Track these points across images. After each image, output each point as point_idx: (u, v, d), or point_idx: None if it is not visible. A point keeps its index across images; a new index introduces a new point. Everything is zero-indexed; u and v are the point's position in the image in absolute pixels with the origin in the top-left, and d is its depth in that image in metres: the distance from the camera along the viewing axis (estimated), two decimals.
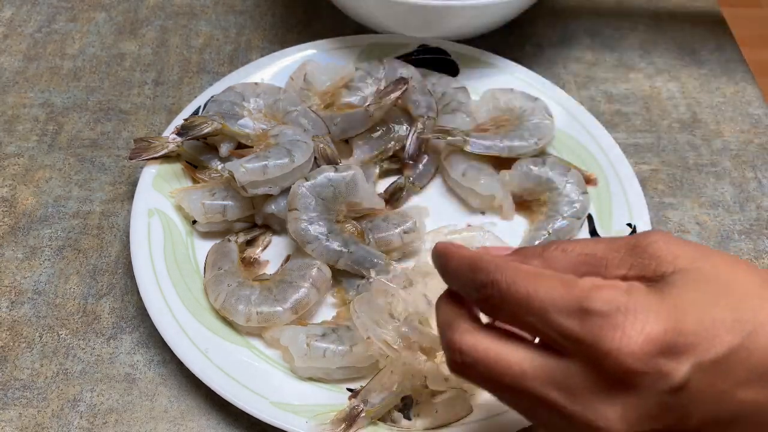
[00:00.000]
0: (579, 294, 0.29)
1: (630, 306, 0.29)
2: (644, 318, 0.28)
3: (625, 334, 0.28)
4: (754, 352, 0.29)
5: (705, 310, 0.29)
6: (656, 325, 0.28)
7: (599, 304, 0.29)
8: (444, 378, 0.44)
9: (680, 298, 0.29)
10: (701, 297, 0.29)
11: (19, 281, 0.54)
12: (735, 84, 0.69)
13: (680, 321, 0.29)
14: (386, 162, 0.59)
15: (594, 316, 0.29)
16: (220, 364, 0.47)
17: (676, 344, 0.28)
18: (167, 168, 0.56)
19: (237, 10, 0.74)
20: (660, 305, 0.29)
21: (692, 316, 0.29)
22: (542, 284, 0.30)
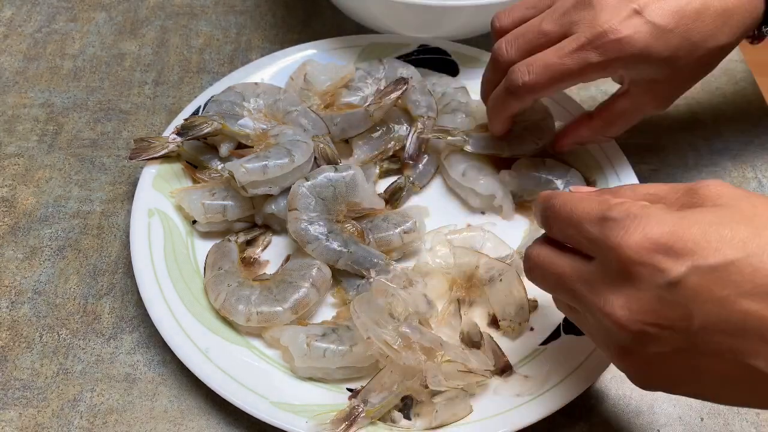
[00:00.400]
0: (605, 207, 0.35)
1: (640, 214, 0.34)
2: (648, 222, 0.33)
3: (628, 232, 0.34)
4: (763, 270, 0.31)
5: (714, 227, 0.33)
6: (658, 228, 0.33)
7: (616, 212, 0.35)
8: (444, 378, 0.44)
9: (694, 216, 0.33)
10: (717, 219, 0.33)
11: (19, 281, 0.54)
12: (735, 84, 0.69)
13: (684, 230, 0.33)
14: (386, 162, 0.59)
15: (610, 221, 0.35)
16: (220, 364, 0.47)
17: (674, 246, 0.32)
18: (167, 168, 0.56)
19: (237, 10, 0.74)
20: (670, 217, 0.33)
21: (698, 228, 0.33)
22: (583, 203, 0.37)
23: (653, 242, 0.33)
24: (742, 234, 0.32)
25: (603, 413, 0.49)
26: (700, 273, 0.32)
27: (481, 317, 0.51)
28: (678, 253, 0.32)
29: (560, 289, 0.39)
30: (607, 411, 0.49)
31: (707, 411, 0.49)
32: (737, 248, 0.32)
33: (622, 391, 0.50)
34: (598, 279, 0.36)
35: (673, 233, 0.33)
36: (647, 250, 0.33)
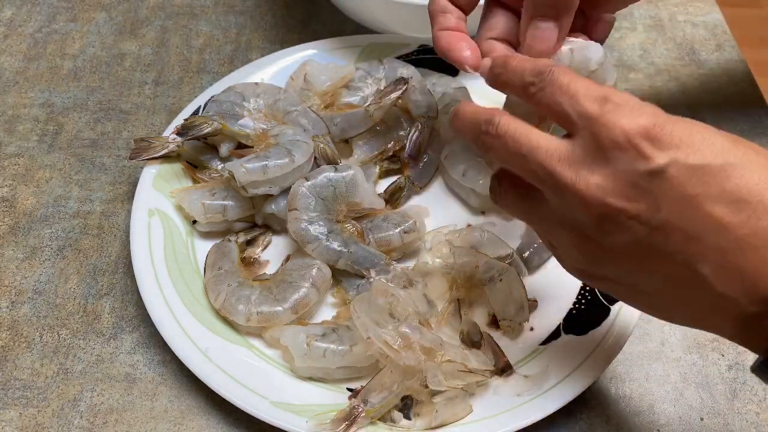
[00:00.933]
0: (608, 90, 0.36)
1: (639, 105, 0.35)
2: (645, 111, 0.34)
3: (625, 115, 0.34)
4: (734, 179, 0.33)
5: (703, 131, 0.34)
6: (652, 118, 0.34)
7: (618, 98, 0.35)
8: (444, 378, 0.44)
9: (686, 120, 0.35)
10: (706, 128, 0.34)
11: (19, 281, 0.54)
12: (735, 84, 0.69)
13: (675, 125, 0.34)
14: (386, 162, 0.59)
15: (610, 103, 0.35)
16: (220, 364, 0.47)
17: (661, 137, 0.33)
18: (167, 168, 0.56)
19: (237, 10, 0.74)
20: (663, 114, 0.35)
21: (688, 128, 0.34)
22: (585, 81, 0.36)
23: (644, 129, 0.34)
24: (724, 143, 0.34)
25: (603, 413, 0.49)
26: (678, 167, 0.33)
27: (481, 317, 0.51)
28: (663, 144, 0.33)
29: (528, 164, 0.37)
30: (607, 411, 0.49)
31: (707, 411, 0.49)
32: (717, 154, 0.33)
33: (622, 391, 0.50)
34: (575, 156, 0.36)
35: (663, 126, 0.34)
36: (637, 134, 0.34)
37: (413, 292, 0.48)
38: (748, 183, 0.33)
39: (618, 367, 0.51)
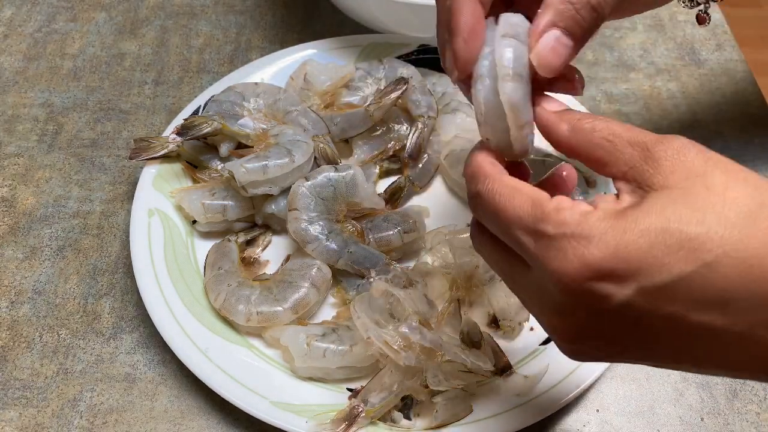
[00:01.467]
0: (539, 215, 0.32)
1: (577, 232, 0.31)
2: (587, 245, 0.30)
3: (566, 257, 0.31)
4: (713, 280, 0.29)
5: (662, 237, 0.30)
6: (598, 252, 0.30)
7: (550, 227, 0.32)
8: (444, 378, 0.44)
9: (639, 223, 0.30)
10: (665, 223, 0.30)
11: (19, 281, 0.54)
12: (735, 84, 0.69)
13: (628, 247, 0.30)
14: (386, 162, 0.59)
15: (544, 238, 0.32)
16: (220, 364, 0.47)
17: (617, 270, 0.30)
18: (167, 168, 0.56)
19: (237, 10, 0.74)
20: (611, 231, 0.30)
21: (644, 241, 0.30)
22: (513, 201, 0.33)
23: (594, 270, 0.30)
24: (691, 242, 0.29)
25: (603, 413, 0.49)
26: (647, 293, 0.30)
27: (481, 317, 0.51)
28: (622, 276, 0.30)
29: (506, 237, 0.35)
30: (607, 411, 0.49)
31: (707, 411, 0.49)
32: (688, 260, 0.29)
33: (622, 391, 0.50)
34: (534, 293, 0.34)
35: (615, 255, 0.30)
36: (588, 278, 0.30)
37: (413, 292, 0.48)
38: (726, 280, 0.29)
39: (618, 367, 0.51)
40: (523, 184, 0.34)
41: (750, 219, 0.29)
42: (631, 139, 0.33)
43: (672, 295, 0.30)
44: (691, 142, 0.32)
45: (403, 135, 0.59)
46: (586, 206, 0.32)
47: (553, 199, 0.33)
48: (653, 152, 0.32)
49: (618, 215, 0.31)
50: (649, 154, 0.32)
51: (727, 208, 0.30)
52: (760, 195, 0.30)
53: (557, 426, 0.48)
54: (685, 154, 0.32)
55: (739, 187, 0.30)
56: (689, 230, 0.29)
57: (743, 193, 0.30)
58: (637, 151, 0.33)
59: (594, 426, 0.48)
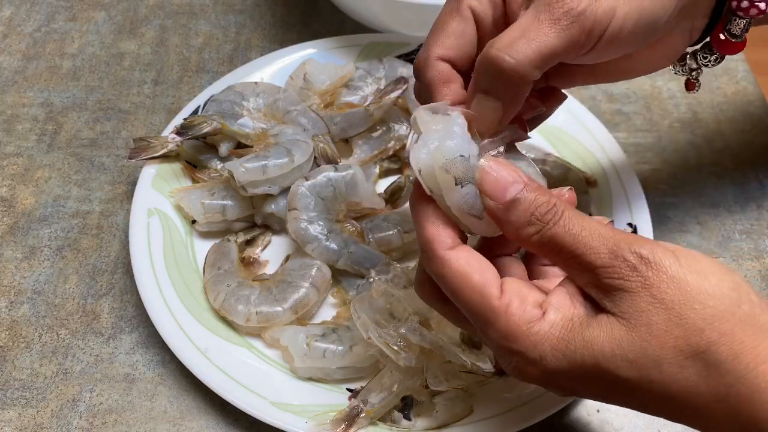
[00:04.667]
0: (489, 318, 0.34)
1: (521, 350, 0.33)
2: (525, 364, 0.33)
3: (510, 366, 0.34)
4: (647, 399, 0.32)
5: (591, 374, 0.32)
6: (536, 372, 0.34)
7: (499, 337, 0.34)
8: (444, 378, 0.44)
9: (576, 355, 0.32)
10: (599, 360, 0.32)
11: (18, 281, 0.54)
12: (736, 83, 0.69)
13: (560, 374, 0.33)
14: (386, 161, 0.59)
15: (493, 342, 0.34)
16: (219, 364, 0.47)
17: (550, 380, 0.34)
18: (167, 168, 0.56)
19: (236, 9, 0.74)
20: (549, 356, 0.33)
21: (575, 373, 0.33)
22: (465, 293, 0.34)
23: (533, 379, 0.34)
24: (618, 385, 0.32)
25: (603, 413, 0.49)
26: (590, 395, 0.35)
27: None
28: (555, 382, 0.34)
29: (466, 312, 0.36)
30: (607, 411, 0.49)
31: None
32: (612, 399, 0.34)
33: None
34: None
35: (548, 378, 0.33)
36: (531, 380, 0.34)
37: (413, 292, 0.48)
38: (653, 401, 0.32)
39: None
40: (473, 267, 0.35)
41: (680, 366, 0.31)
42: (579, 259, 0.33)
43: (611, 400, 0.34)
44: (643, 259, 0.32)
45: (403, 135, 0.59)
46: (534, 313, 0.33)
47: (503, 297, 0.34)
48: (601, 281, 0.33)
49: (560, 336, 0.33)
50: (598, 281, 0.33)
51: (664, 352, 0.31)
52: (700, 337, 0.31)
53: (558, 426, 0.48)
54: (630, 287, 0.32)
55: (680, 329, 0.31)
56: (620, 373, 0.32)
57: (683, 336, 0.31)
58: (587, 274, 0.33)
59: (595, 426, 0.48)
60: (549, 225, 0.34)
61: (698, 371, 0.30)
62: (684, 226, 0.59)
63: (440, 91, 0.39)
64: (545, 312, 0.33)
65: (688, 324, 0.31)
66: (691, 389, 0.30)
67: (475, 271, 0.34)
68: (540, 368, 0.33)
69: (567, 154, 0.59)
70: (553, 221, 0.34)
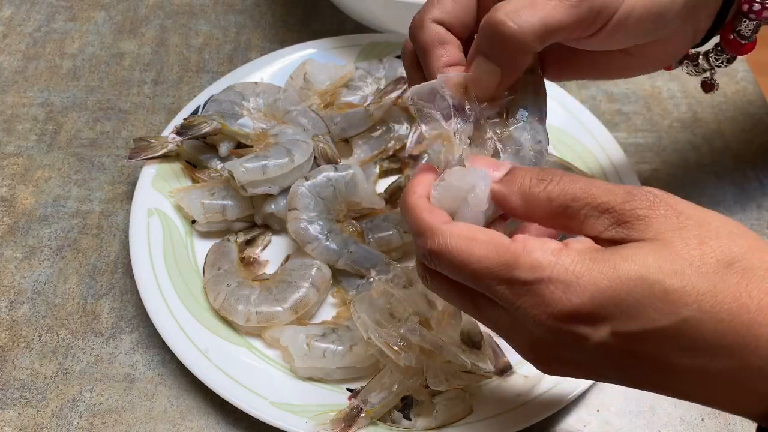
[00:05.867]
0: (510, 262, 0.31)
1: (554, 276, 0.31)
2: (565, 289, 0.30)
3: (544, 302, 0.31)
4: (686, 333, 0.30)
5: (640, 286, 0.30)
6: (575, 297, 0.30)
7: (525, 273, 0.31)
8: (444, 378, 0.44)
9: (618, 269, 0.30)
10: (644, 272, 0.30)
11: (18, 281, 0.54)
12: (736, 83, 0.69)
13: (605, 292, 0.30)
14: (386, 161, 0.59)
15: (517, 284, 0.31)
16: (219, 364, 0.47)
17: (593, 313, 0.30)
18: (167, 167, 0.56)
19: (236, 9, 0.74)
20: (587, 275, 0.30)
21: (622, 289, 0.30)
22: (474, 252, 0.32)
23: (573, 314, 0.30)
24: (669, 296, 0.30)
25: (603, 413, 0.49)
26: (623, 336, 0.30)
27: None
28: (599, 320, 0.30)
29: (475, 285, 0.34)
30: (607, 411, 0.49)
31: (708, 411, 0.49)
32: (664, 314, 0.30)
33: (622, 392, 0.50)
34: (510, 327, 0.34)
35: (592, 300, 0.30)
36: (566, 322, 0.31)
37: (413, 292, 0.48)
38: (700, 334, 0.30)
39: None
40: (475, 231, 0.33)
41: (722, 275, 0.30)
42: (594, 202, 0.32)
43: (646, 342, 0.31)
44: (658, 195, 0.32)
45: (403, 135, 0.59)
46: (555, 243, 0.32)
47: (516, 241, 0.32)
48: (623, 215, 0.32)
49: (593, 257, 0.31)
50: (619, 217, 0.32)
51: (703, 262, 0.30)
52: (731, 248, 0.31)
53: (558, 426, 0.48)
54: (656, 212, 0.32)
55: (713, 242, 0.31)
56: (667, 283, 0.30)
57: (716, 247, 0.31)
58: (606, 216, 0.32)
59: (595, 426, 0.48)
60: (555, 179, 0.33)
61: (738, 281, 0.30)
62: None
63: (435, 52, 0.38)
64: (567, 245, 0.32)
65: (721, 235, 0.31)
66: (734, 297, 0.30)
67: (478, 231, 0.33)
68: (579, 290, 0.30)
69: (567, 154, 0.59)
70: (556, 177, 0.33)
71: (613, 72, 0.44)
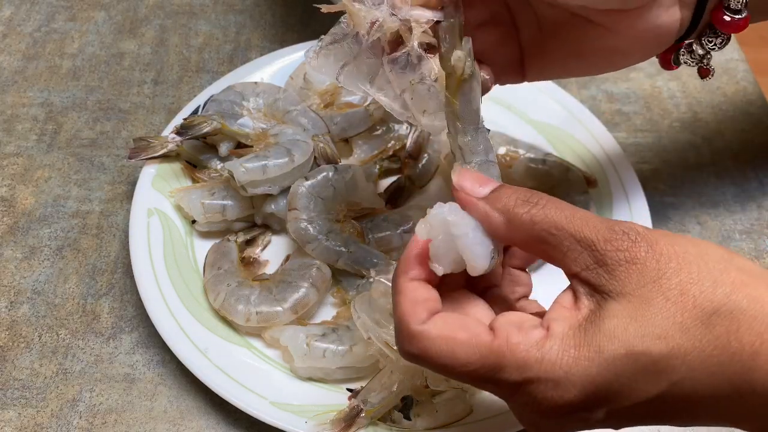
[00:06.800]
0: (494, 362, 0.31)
1: (542, 375, 0.30)
2: (554, 387, 0.30)
3: (536, 402, 0.31)
4: (680, 395, 0.30)
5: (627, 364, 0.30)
6: (565, 393, 0.30)
7: (512, 374, 0.31)
8: (444, 378, 0.44)
9: (603, 352, 0.30)
10: (629, 347, 0.30)
11: (18, 281, 0.54)
12: (736, 83, 0.69)
13: (595, 381, 0.30)
14: (386, 162, 0.59)
15: (508, 386, 0.31)
16: (219, 364, 0.47)
17: (587, 403, 0.30)
18: (166, 167, 0.56)
19: (236, 9, 0.74)
20: (574, 368, 0.30)
21: (610, 373, 0.30)
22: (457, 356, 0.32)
23: (566, 409, 0.30)
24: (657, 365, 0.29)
25: None
26: (620, 412, 0.31)
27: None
28: (591, 406, 0.30)
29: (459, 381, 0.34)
30: None
31: None
32: (654, 384, 0.30)
33: None
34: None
35: (583, 392, 0.30)
36: (560, 415, 0.31)
37: None
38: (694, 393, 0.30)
39: None
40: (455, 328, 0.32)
41: (707, 326, 0.29)
42: (577, 235, 0.32)
43: (644, 410, 0.31)
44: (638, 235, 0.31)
45: (403, 135, 0.59)
46: (538, 333, 0.31)
47: (497, 336, 0.31)
48: (604, 256, 0.31)
49: (578, 342, 0.30)
50: (600, 257, 0.31)
51: (686, 316, 0.29)
52: (714, 293, 0.30)
53: None
54: (636, 257, 0.31)
55: (695, 289, 0.30)
56: (653, 352, 0.29)
57: (699, 295, 0.30)
58: (588, 252, 0.32)
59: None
60: (540, 204, 0.33)
61: (726, 328, 0.29)
62: (684, 226, 0.59)
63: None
64: (549, 328, 0.31)
65: (703, 279, 0.30)
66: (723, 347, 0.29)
67: (458, 328, 0.32)
68: (570, 386, 0.30)
69: (567, 154, 0.59)
70: (542, 202, 0.33)
71: (600, 61, 0.43)
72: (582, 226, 0.32)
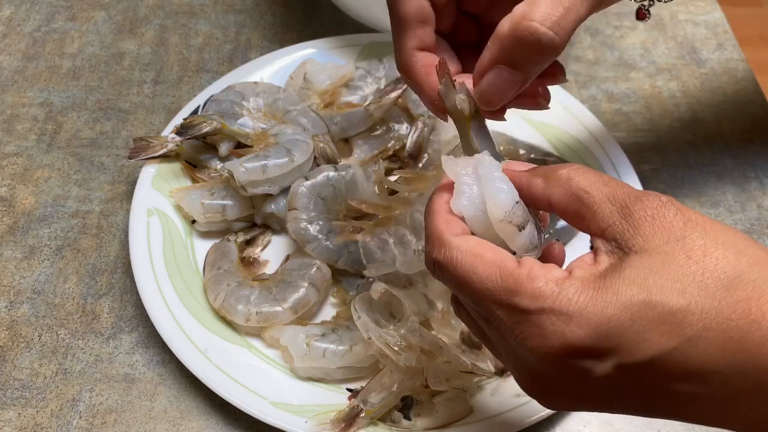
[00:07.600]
0: (511, 287, 0.31)
1: (556, 307, 0.30)
2: (567, 321, 0.29)
3: (543, 336, 0.30)
4: (694, 355, 0.29)
5: (643, 311, 0.29)
6: (577, 329, 0.29)
7: (526, 301, 0.30)
8: (445, 378, 0.44)
9: (620, 296, 0.29)
10: (647, 296, 0.29)
11: (18, 281, 0.54)
12: (736, 83, 0.69)
13: (609, 323, 0.29)
14: (386, 162, 0.59)
15: (518, 312, 0.30)
16: (219, 364, 0.47)
17: (596, 348, 0.29)
18: (166, 167, 0.56)
19: (236, 9, 0.74)
20: (591, 306, 0.29)
21: (625, 317, 0.29)
22: (478, 270, 0.32)
23: (575, 348, 0.29)
24: (673, 316, 0.29)
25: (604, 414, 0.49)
26: (627, 368, 0.29)
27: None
28: (602, 353, 0.29)
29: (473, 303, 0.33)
30: None
31: None
32: (668, 336, 0.28)
33: None
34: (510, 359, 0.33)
35: (596, 332, 0.29)
36: (568, 356, 0.30)
37: (413, 292, 0.48)
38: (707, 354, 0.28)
39: None
40: (485, 248, 0.32)
41: (728, 289, 0.29)
42: (610, 194, 0.32)
43: (652, 370, 0.29)
44: (670, 200, 0.32)
45: (403, 135, 0.59)
46: (559, 272, 0.31)
47: (522, 265, 0.31)
48: (632, 211, 0.31)
49: (597, 285, 0.30)
50: (629, 212, 0.31)
51: (707, 276, 0.29)
52: (738, 261, 0.29)
53: (558, 426, 0.48)
54: (664, 215, 0.31)
55: (718, 253, 0.30)
56: (671, 303, 0.29)
57: (722, 259, 0.29)
58: (617, 209, 0.32)
59: (595, 426, 0.48)
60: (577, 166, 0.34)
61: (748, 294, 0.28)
62: None
63: (413, 30, 0.37)
64: (571, 271, 0.31)
65: (728, 245, 0.30)
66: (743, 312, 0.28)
67: (488, 249, 0.32)
68: (583, 322, 0.29)
69: (567, 154, 0.59)
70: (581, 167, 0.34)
71: None
72: (616, 187, 0.32)
